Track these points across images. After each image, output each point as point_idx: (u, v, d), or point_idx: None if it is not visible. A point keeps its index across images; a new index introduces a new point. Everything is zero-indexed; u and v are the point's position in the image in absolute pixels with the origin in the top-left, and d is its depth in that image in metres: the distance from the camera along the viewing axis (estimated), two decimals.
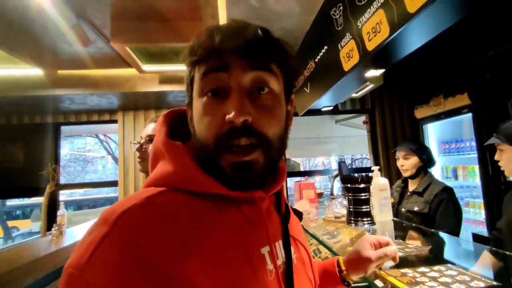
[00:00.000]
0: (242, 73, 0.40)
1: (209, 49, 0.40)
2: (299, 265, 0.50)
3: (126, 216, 0.35)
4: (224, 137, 0.39)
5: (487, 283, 0.68)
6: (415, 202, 1.80)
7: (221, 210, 0.42)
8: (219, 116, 0.39)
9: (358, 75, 1.72)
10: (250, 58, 0.40)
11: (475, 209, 2.89)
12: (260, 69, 0.41)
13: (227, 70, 0.40)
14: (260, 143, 0.40)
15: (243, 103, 0.39)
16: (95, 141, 14.71)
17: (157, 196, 0.39)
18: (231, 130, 0.39)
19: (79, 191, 13.12)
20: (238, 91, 0.40)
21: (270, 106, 0.42)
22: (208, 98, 0.41)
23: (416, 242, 1.14)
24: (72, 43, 2.31)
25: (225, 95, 0.40)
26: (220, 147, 0.40)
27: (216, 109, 0.40)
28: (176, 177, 0.42)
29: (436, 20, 1.15)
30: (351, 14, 1.44)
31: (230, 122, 0.38)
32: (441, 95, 2.92)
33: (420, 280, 0.71)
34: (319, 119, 5.04)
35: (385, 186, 1.47)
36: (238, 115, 0.38)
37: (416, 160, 1.88)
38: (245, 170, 0.40)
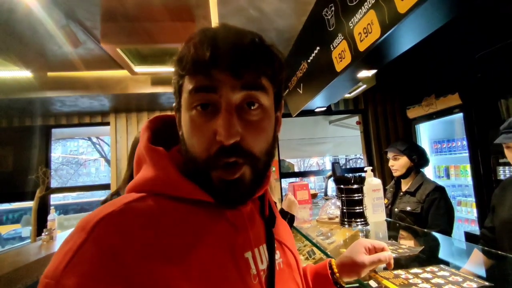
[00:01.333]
0: (232, 92, 0.39)
1: (198, 63, 0.39)
2: (286, 269, 0.49)
3: (103, 223, 0.34)
4: (214, 157, 0.39)
5: (479, 283, 0.68)
6: (408, 202, 1.81)
7: (204, 214, 0.41)
8: (209, 133, 0.39)
9: (350, 75, 1.73)
10: (241, 78, 0.39)
11: (467, 208, 2.92)
12: (250, 89, 0.40)
13: (217, 91, 0.39)
14: (247, 161, 0.40)
15: (232, 123, 0.38)
16: (87, 144, 14.54)
17: (136, 202, 0.38)
18: (220, 149, 0.39)
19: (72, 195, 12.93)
20: (227, 110, 0.39)
21: (259, 121, 0.42)
22: (197, 112, 0.40)
23: (409, 243, 1.14)
24: (61, 45, 2.27)
25: (215, 110, 0.40)
26: (209, 165, 0.40)
27: (206, 125, 0.40)
28: (156, 182, 0.41)
29: (427, 21, 1.16)
30: (343, 15, 1.45)
31: (219, 141, 0.38)
32: (433, 95, 2.95)
33: (413, 281, 0.70)
34: (313, 120, 5.05)
35: (378, 186, 1.48)
36: (228, 137, 0.38)
37: (405, 160, 1.89)
38: (233, 186, 0.40)
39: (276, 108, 0.48)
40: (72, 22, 1.96)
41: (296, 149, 5.72)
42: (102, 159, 12.59)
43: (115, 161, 3.56)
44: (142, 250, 0.34)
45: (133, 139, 1.25)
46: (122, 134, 3.59)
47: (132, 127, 3.63)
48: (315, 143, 5.88)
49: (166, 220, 0.38)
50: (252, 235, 0.44)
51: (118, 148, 3.58)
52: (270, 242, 0.47)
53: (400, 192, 1.93)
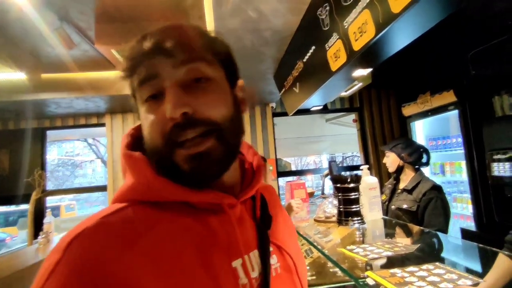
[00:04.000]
0: (172, 70, 0.39)
1: (135, 59, 0.40)
2: (284, 274, 0.46)
3: (76, 241, 0.34)
4: (170, 134, 0.38)
5: (474, 281, 0.68)
6: (404, 199, 1.82)
7: (187, 221, 0.39)
8: (160, 117, 0.39)
9: (345, 74, 1.74)
10: (177, 54, 0.39)
11: (462, 204, 2.95)
12: (190, 62, 0.40)
13: (158, 76, 0.39)
14: (211, 129, 0.39)
15: (177, 96, 0.38)
16: (84, 145, 14.45)
17: (113, 215, 0.37)
18: (174, 126, 0.38)
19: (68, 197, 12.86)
20: (171, 88, 0.39)
21: (211, 92, 0.41)
22: (148, 104, 0.40)
23: (405, 241, 1.15)
24: (55, 46, 2.25)
25: (163, 96, 0.39)
26: (168, 144, 0.38)
27: (157, 111, 0.39)
28: (137, 189, 0.40)
29: (421, 20, 1.16)
30: (337, 14, 1.45)
31: (171, 118, 0.37)
32: (428, 92, 2.97)
33: (409, 280, 0.71)
34: (310, 119, 5.06)
35: (374, 185, 1.48)
36: (174, 109, 0.37)
37: (394, 157, 1.94)
38: (201, 160, 0.38)
39: (232, 84, 0.45)
40: (66, 23, 1.94)
41: (293, 147, 5.74)
42: (98, 160, 12.53)
43: (112, 162, 3.55)
44: (114, 267, 0.33)
45: None
46: (118, 135, 3.57)
47: (128, 128, 3.55)
48: (312, 142, 5.90)
49: (144, 232, 0.36)
50: (241, 241, 0.41)
51: (115, 149, 3.57)
52: (262, 246, 0.44)
53: (398, 189, 1.95)
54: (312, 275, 1.59)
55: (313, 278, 1.57)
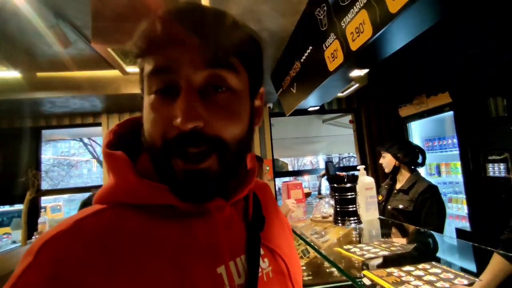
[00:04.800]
0: (193, 71, 0.34)
1: (153, 41, 0.34)
2: (276, 278, 0.43)
3: (47, 246, 0.32)
4: (173, 143, 0.34)
5: (470, 280, 0.69)
6: (401, 200, 1.83)
7: (168, 225, 0.37)
8: (167, 118, 0.34)
9: (343, 75, 1.74)
10: (203, 53, 0.34)
11: (457, 205, 2.97)
12: (215, 67, 0.34)
13: (176, 71, 0.34)
14: (215, 148, 0.35)
15: (192, 106, 0.33)
16: (79, 145, 14.34)
17: (89, 218, 0.35)
18: (178, 136, 0.34)
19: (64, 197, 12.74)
20: (187, 91, 0.34)
21: (228, 106, 0.36)
22: (155, 97, 0.35)
23: (402, 240, 1.15)
24: (51, 45, 2.23)
25: (176, 92, 0.34)
26: (167, 149, 0.35)
27: (165, 109, 0.34)
28: (116, 190, 0.37)
29: (418, 20, 1.17)
30: (335, 15, 1.45)
31: (177, 127, 0.33)
32: (424, 94, 2.99)
33: (406, 279, 0.71)
34: (307, 119, 5.07)
35: (370, 185, 1.49)
36: (185, 121, 0.32)
37: (390, 157, 1.96)
38: (197, 179, 0.35)
39: (252, 95, 0.41)
40: (62, 21, 1.92)
41: (289, 148, 5.74)
42: (94, 160, 12.44)
43: None
44: (85, 272, 0.31)
45: None
46: None
47: None
48: (309, 142, 5.91)
49: (120, 237, 0.34)
50: (227, 246, 0.39)
51: None
52: (250, 250, 0.41)
53: (394, 189, 1.96)
54: (309, 275, 1.59)
55: (309, 278, 1.57)
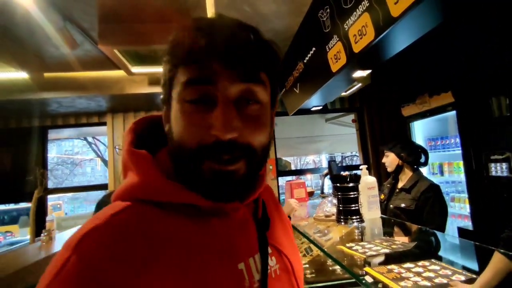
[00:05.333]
0: (230, 84, 0.37)
1: (194, 53, 0.36)
2: (283, 275, 0.46)
3: (86, 239, 0.33)
4: (208, 149, 0.37)
5: (467, 276, 0.71)
6: (403, 199, 1.86)
7: (194, 223, 0.39)
8: (204, 127, 0.37)
9: (345, 75, 1.76)
10: (239, 69, 0.37)
11: (460, 204, 2.98)
12: (249, 82, 0.38)
13: (213, 83, 0.37)
14: (245, 154, 0.39)
15: (231, 117, 0.36)
16: (83, 143, 14.45)
17: (120, 213, 0.36)
18: (215, 144, 0.36)
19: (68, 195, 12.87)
20: (225, 104, 0.37)
21: (257, 117, 0.40)
22: (189, 105, 0.38)
23: (403, 239, 1.18)
24: (58, 46, 2.27)
25: (211, 103, 0.37)
26: (202, 154, 0.37)
27: (201, 118, 0.37)
28: (141, 188, 0.39)
29: (420, 23, 1.19)
30: (338, 17, 1.48)
31: (215, 136, 0.36)
32: (426, 93, 3.00)
33: (405, 275, 0.74)
34: (310, 118, 5.09)
35: (373, 184, 1.51)
36: (225, 133, 0.36)
37: (393, 157, 1.97)
38: (226, 179, 0.38)
39: (272, 105, 0.45)
40: (69, 23, 1.96)
41: (293, 147, 5.76)
42: (98, 159, 12.53)
43: (113, 161, 3.57)
44: (124, 265, 0.32)
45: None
46: (119, 134, 3.59)
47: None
48: (312, 141, 5.92)
49: (153, 232, 0.36)
50: (244, 244, 0.42)
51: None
52: (263, 249, 0.44)
53: (396, 188, 1.98)
54: (312, 273, 1.62)
55: (312, 276, 1.60)
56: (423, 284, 0.69)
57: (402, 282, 0.70)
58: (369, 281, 0.91)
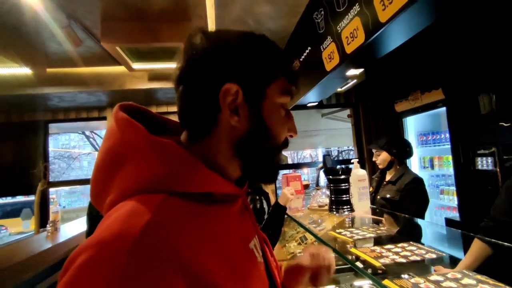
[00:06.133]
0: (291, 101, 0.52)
1: (297, 76, 0.52)
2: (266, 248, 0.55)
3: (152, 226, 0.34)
4: (284, 142, 0.51)
5: (439, 255, 0.82)
6: (389, 190, 1.98)
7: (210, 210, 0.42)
8: (287, 128, 0.51)
9: (339, 74, 1.85)
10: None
11: (449, 196, 3.12)
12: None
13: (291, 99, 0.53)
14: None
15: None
16: (79, 137, 14.44)
17: (162, 206, 0.37)
18: (285, 140, 0.52)
19: (65, 189, 12.90)
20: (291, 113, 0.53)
21: None
22: (284, 111, 0.50)
23: (387, 225, 1.29)
24: (61, 43, 2.33)
25: (287, 112, 0.52)
26: (281, 147, 0.51)
27: (288, 122, 0.51)
28: (176, 178, 0.39)
29: (406, 27, 1.28)
30: (332, 19, 1.56)
31: (289, 135, 0.52)
32: (418, 90, 3.10)
33: (385, 254, 0.85)
34: (306, 113, 5.18)
35: (363, 177, 1.62)
36: (296, 132, 0.53)
37: (386, 155, 2.10)
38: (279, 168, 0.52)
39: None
40: (73, 21, 2.02)
41: (289, 141, 5.85)
42: (96, 153, 12.54)
43: None
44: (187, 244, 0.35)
45: None
46: None
47: None
48: (308, 136, 6.02)
49: (193, 220, 0.39)
50: (247, 226, 0.50)
51: None
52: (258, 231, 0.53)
53: (384, 181, 2.10)
54: None
55: None
56: (400, 261, 0.79)
57: (382, 260, 0.80)
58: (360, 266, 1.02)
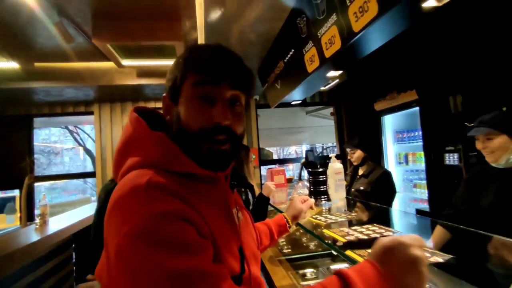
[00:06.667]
0: (227, 90, 0.57)
1: (208, 66, 0.56)
2: (246, 223, 0.70)
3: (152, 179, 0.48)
4: (209, 131, 0.55)
5: (395, 232, 0.98)
6: (362, 183, 2.19)
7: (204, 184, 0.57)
8: (208, 116, 0.55)
9: (320, 75, 1.99)
10: (234, 81, 0.57)
11: (421, 189, 3.36)
12: (237, 89, 0.58)
13: (218, 85, 0.56)
14: (231, 138, 0.57)
15: (227, 111, 0.57)
16: (60, 132, 14.06)
17: (156, 175, 0.50)
18: (216, 127, 0.55)
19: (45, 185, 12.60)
20: (223, 102, 0.57)
21: (239, 114, 0.60)
22: (198, 101, 0.56)
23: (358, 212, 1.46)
24: (50, 38, 2.36)
25: (212, 101, 0.56)
26: (203, 137, 0.55)
27: (206, 110, 0.55)
28: (163, 159, 0.53)
29: (378, 35, 1.43)
30: (312, 26, 1.70)
31: (217, 122, 0.55)
32: (395, 91, 3.31)
33: (351, 233, 1.00)
34: (291, 111, 5.33)
35: (340, 170, 1.78)
36: (225, 120, 0.56)
37: (360, 152, 2.32)
38: (220, 156, 0.57)
39: (246, 107, 0.65)
40: (64, 18, 2.06)
41: (274, 138, 6.00)
42: (79, 147, 12.28)
43: (100, 149, 3.67)
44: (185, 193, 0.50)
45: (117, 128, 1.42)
46: (107, 124, 3.69)
47: (116, 117, 3.72)
48: (293, 132, 6.19)
49: (181, 187, 0.51)
50: (229, 200, 0.62)
51: (103, 137, 3.69)
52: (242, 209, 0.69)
53: (357, 176, 2.31)
54: (288, 248, 1.88)
55: (289, 250, 1.86)
56: (362, 237, 0.95)
57: (347, 237, 0.96)
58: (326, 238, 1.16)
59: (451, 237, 1.31)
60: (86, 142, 10.67)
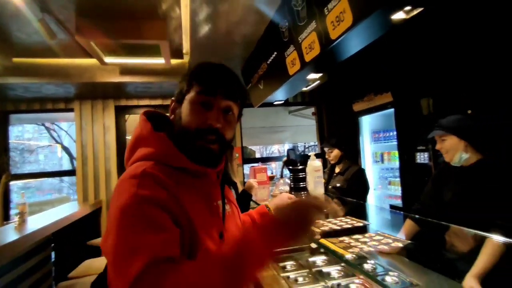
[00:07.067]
0: (222, 100, 0.70)
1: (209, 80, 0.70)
2: (232, 215, 0.81)
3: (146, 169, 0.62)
4: (203, 131, 0.68)
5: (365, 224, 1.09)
6: (338, 180, 2.33)
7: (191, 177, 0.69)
8: (203, 119, 0.68)
9: (301, 77, 2.09)
10: (228, 94, 0.71)
11: (395, 187, 3.56)
12: (231, 100, 0.72)
13: (214, 97, 0.70)
14: (219, 140, 0.70)
15: (220, 117, 0.70)
16: (35, 129, 13.47)
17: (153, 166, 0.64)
18: (208, 128, 0.68)
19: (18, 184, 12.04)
20: (218, 109, 0.70)
21: (230, 122, 0.73)
22: (198, 105, 0.69)
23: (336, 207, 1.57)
24: (31, 33, 2.32)
25: (209, 107, 0.69)
26: (199, 134, 0.67)
27: (203, 113, 0.68)
28: (161, 154, 0.67)
29: (354, 43, 1.54)
30: (293, 31, 1.79)
31: (209, 124, 0.68)
32: (372, 92, 3.48)
33: (326, 224, 1.10)
34: (274, 110, 5.43)
35: (318, 167, 1.88)
36: (217, 123, 0.68)
37: (337, 151, 2.47)
38: (208, 153, 0.69)
39: (238, 118, 0.78)
40: (47, 15, 2.04)
41: (257, 136, 6.09)
42: (58, 145, 11.84)
43: (81, 147, 3.60)
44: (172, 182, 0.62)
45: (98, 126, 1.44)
46: (87, 121, 3.62)
47: (97, 114, 3.65)
48: (276, 131, 6.29)
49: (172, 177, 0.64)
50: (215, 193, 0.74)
51: (83, 135, 3.62)
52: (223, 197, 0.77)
53: (334, 174, 2.45)
54: None
55: None
56: (335, 228, 1.05)
57: (322, 228, 1.05)
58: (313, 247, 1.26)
59: (419, 229, 1.44)
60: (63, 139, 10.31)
